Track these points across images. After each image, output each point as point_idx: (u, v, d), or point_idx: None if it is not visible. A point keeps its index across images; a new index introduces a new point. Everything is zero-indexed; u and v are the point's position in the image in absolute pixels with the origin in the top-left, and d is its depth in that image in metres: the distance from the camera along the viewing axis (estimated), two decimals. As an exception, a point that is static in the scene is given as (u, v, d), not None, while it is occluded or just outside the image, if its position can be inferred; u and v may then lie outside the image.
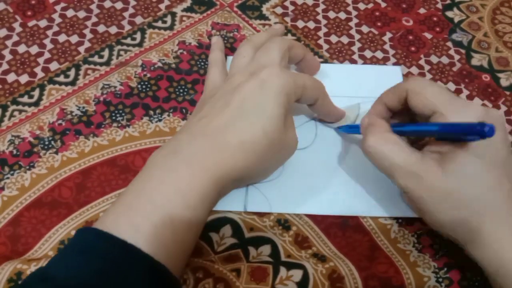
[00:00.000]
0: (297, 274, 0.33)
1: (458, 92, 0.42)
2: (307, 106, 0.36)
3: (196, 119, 0.31)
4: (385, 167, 0.30)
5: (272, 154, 0.31)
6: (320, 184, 0.36)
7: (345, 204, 0.36)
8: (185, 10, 0.46)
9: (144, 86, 0.40)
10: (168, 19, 0.45)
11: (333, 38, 0.45)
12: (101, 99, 0.39)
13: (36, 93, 0.39)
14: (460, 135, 0.28)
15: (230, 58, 0.42)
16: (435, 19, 0.47)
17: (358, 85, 0.41)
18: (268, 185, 0.36)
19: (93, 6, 0.45)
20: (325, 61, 0.43)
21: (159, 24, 0.44)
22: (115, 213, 0.27)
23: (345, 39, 0.45)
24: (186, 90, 0.40)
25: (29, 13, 0.44)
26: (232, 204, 0.35)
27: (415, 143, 0.34)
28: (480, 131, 0.25)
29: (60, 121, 0.38)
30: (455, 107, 0.29)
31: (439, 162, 0.29)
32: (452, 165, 0.28)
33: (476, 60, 0.45)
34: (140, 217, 0.26)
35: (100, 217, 0.27)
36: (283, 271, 0.33)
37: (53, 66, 0.41)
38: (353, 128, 0.37)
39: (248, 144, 0.29)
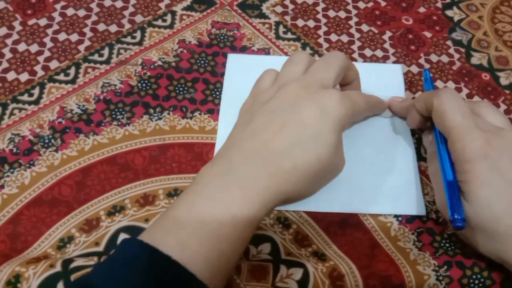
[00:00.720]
0: (297, 273, 0.33)
1: (458, 90, 0.42)
2: None
3: (249, 133, 0.30)
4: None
5: (322, 177, 0.31)
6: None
7: (354, 202, 0.36)
8: (185, 8, 0.46)
9: (144, 85, 0.40)
10: (168, 17, 0.45)
11: (333, 37, 0.45)
12: (101, 97, 0.39)
13: (36, 91, 0.39)
14: None
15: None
16: (435, 18, 0.48)
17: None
18: None
19: (93, 5, 0.45)
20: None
21: (159, 22, 0.44)
22: (162, 227, 0.27)
23: (345, 38, 0.45)
24: (186, 88, 0.40)
25: (29, 11, 0.44)
26: None
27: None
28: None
29: (60, 120, 0.38)
30: (465, 141, 0.30)
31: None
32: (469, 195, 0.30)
33: (476, 59, 0.45)
34: (187, 234, 0.26)
35: (147, 229, 0.27)
36: (283, 270, 0.33)
37: (53, 64, 0.41)
38: (429, 84, 0.39)
39: (301, 170, 0.29)
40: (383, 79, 0.42)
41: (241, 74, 0.41)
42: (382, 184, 0.36)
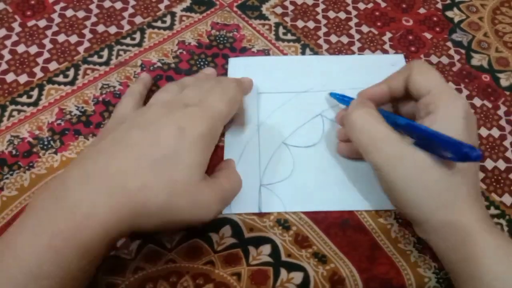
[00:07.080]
0: (297, 277, 0.32)
1: (457, 92, 0.42)
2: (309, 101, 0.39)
3: (93, 153, 0.28)
4: (363, 142, 0.31)
5: (178, 204, 0.28)
6: (331, 180, 0.36)
7: (359, 199, 0.36)
8: (184, 10, 0.46)
9: (143, 86, 0.40)
10: (168, 19, 0.45)
11: (333, 38, 0.45)
12: (100, 99, 0.39)
13: (35, 93, 0.39)
14: (443, 148, 0.27)
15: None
16: (435, 19, 0.47)
17: (362, 76, 0.41)
18: (280, 185, 0.36)
19: (92, 6, 0.45)
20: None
21: (159, 24, 0.44)
22: None
23: (345, 39, 0.45)
24: (185, 90, 0.40)
25: (28, 13, 0.44)
26: (246, 206, 0.35)
27: None
28: (466, 154, 0.25)
29: (59, 121, 0.38)
30: (447, 96, 0.31)
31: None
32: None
33: (476, 60, 0.45)
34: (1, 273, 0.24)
35: None
36: (283, 274, 0.32)
37: (52, 66, 0.41)
38: (345, 99, 0.38)
39: (152, 190, 0.27)
40: (387, 69, 0.42)
41: (243, 76, 0.41)
42: None
